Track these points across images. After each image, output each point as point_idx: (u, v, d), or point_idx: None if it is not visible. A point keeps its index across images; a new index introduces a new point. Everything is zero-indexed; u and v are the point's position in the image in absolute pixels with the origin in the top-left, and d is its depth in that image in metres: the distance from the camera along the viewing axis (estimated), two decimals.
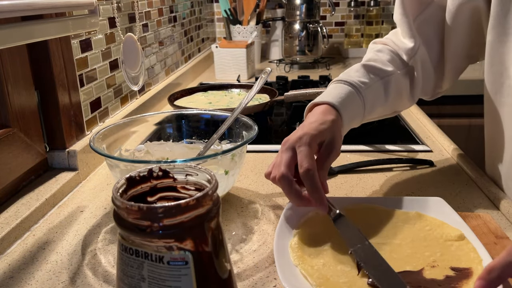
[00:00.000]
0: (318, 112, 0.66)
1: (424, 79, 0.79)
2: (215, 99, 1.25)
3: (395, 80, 0.75)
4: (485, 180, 0.76)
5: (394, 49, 0.79)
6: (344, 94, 0.68)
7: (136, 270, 0.38)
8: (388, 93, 0.74)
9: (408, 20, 0.77)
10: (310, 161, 0.58)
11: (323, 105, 0.67)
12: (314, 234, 0.60)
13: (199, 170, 0.42)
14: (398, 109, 0.81)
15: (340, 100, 0.67)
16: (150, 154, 0.78)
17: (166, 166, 0.43)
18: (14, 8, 0.57)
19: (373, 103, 0.72)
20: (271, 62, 1.98)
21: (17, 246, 0.64)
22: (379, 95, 0.73)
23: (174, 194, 0.44)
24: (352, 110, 0.68)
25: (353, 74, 0.73)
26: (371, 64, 0.75)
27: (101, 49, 0.99)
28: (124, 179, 0.41)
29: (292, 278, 0.51)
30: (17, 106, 0.74)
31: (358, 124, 0.73)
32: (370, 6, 2.10)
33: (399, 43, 0.79)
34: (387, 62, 0.76)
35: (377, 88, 0.73)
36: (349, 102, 0.68)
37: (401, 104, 0.80)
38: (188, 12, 1.72)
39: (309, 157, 0.58)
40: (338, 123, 0.65)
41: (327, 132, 0.62)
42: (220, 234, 0.40)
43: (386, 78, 0.74)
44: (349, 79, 0.71)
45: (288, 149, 0.60)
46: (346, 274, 0.52)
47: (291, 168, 0.59)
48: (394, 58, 0.78)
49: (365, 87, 0.71)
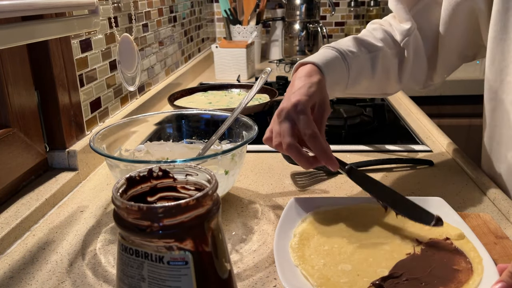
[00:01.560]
0: (303, 74, 0.67)
1: (414, 65, 0.80)
2: (215, 99, 1.25)
3: (383, 56, 0.77)
4: (485, 180, 0.76)
5: (389, 30, 0.81)
6: (330, 57, 0.71)
7: (136, 270, 0.38)
8: (375, 68, 0.76)
9: (403, 6, 0.79)
10: (312, 127, 0.61)
11: (308, 65, 0.69)
12: (314, 235, 0.60)
13: (199, 170, 0.42)
14: (386, 90, 0.83)
15: (325, 62, 0.69)
16: (150, 154, 0.78)
17: (166, 166, 0.43)
18: (15, 8, 0.57)
19: (358, 73, 0.74)
20: (271, 62, 1.98)
21: (17, 246, 0.64)
22: (365, 68, 0.75)
23: (174, 194, 0.44)
24: (335, 74, 0.70)
25: (342, 44, 0.75)
26: (362, 38, 0.78)
27: (101, 49, 0.99)
28: (124, 179, 0.41)
29: (292, 278, 0.51)
30: (17, 106, 0.74)
31: (341, 92, 0.76)
32: (370, 6, 2.10)
33: (395, 25, 0.80)
34: (378, 39, 0.78)
35: (364, 60, 0.75)
36: (333, 66, 0.70)
37: (388, 85, 0.82)
38: (188, 12, 1.72)
39: (309, 124, 0.61)
40: (323, 83, 0.67)
41: (316, 94, 0.64)
42: (220, 234, 0.40)
43: (374, 53, 0.76)
44: (338, 46, 0.74)
45: (286, 118, 0.62)
46: (347, 274, 0.52)
47: (295, 136, 0.62)
48: (386, 37, 0.80)
49: (352, 56, 0.73)
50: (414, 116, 1.18)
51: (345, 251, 0.56)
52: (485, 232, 0.60)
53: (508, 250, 0.56)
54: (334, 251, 0.57)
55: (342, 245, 0.57)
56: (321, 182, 0.81)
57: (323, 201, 0.67)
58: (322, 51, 0.73)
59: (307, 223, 0.63)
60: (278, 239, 0.58)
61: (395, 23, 0.81)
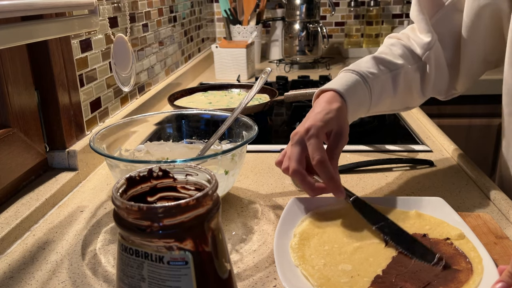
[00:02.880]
0: (324, 100, 0.67)
1: (436, 77, 0.78)
2: (215, 99, 1.25)
3: (404, 74, 0.75)
4: (485, 180, 0.76)
5: (408, 44, 0.79)
6: (351, 82, 0.70)
7: (136, 270, 0.38)
8: (397, 86, 0.75)
9: (425, 17, 0.76)
10: (320, 153, 0.60)
11: (329, 92, 0.68)
12: (314, 235, 0.60)
13: (199, 170, 0.42)
14: (409, 105, 0.82)
15: (346, 88, 0.68)
16: (150, 154, 0.78)
17: (166, 166, 0.43)
18: (14, 8, 0.57)
19: (380, 94, 0.73)
20: (271, 62, 1.98)
21: (17, 246, 0.64)
22: (387, 87, 0.74)
23: (174, 194, 0.44)
24: (357, 98, 0.69)
25: (362, 65, 0.74)
26: (382, 57, 0.76)
27: (101, 49, 0.99)
28: (124, 179, 0.41)
29: (292, 278, 0.51)
30: (17, 106, 0.74)
31: (365, 114, 0.74)
32: (370, 6, 2.10)
33: (415, 38, 0.78)
34: (398, 56, 0.77)
35: (385, 80, 0.73)
36: (355, 90, 0.69)
37: (411, 100, 0.80)
38: (188, 12, 1.72)
39: (319, 149, 0.61)
40: (343, 111, 0.66)
41: (333, 121, 0.64)
42: (220, 234, 0.40)
43: (395, 71, 0.74)
44: (358, 68, 0.72)
45: (297, 142, 0.62)
46: (347, 274, 0.52)
47: (302, 162, 0.62)
48: (406, 52, 0.78)
49: (372, 77, 0.71)
50: (414, 116, 1.18)
51: (345, 251, 0.56)
52: (485, 232, 0.60)
53: (508, 250, 0.56)
54: (335, 251, 0.57)
55: (342, 245, 0.57)
56: None
57: (323, 201, 0.67)
58: (342, 75, 0.72)
59: (307, 223, 0.63)
60: (278, 239, 0.58)
61: (414, 36, 0.78)
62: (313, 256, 0.56)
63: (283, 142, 1.03)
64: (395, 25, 2.17)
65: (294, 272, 0.53)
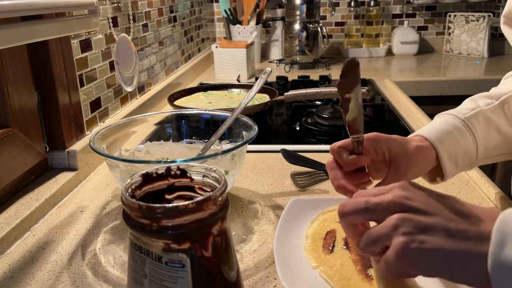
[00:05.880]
0: None
1: None
2: (215, 99, 1.25)
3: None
4: (485, 180, 0.76)
5: None
6: None
7: (140, 266, 0.38)
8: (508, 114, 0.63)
9: None
10: None
11: None
12: (326, 235, 0.60)
13: (214, 171, 0.42)
14: None
15: None
16: (150, 154, 0.78)
17: (185, 165, 0.44)
18: (14, 8, 0.57)
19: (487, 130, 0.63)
20: (271, 62, 1.98)
21: (17, 246, 0.64)
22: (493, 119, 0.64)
23: (192, 194, 0.44)
24: None
25: None
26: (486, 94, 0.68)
27: (101, 49, 0.99)
28: (140, 175, 0.42)
29: (292, 278, 0.51)
30: (17, 106, 0.74)
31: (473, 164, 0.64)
32: (370, 6, 2.10)
33: None
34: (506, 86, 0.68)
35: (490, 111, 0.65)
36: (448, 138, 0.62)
37: None
38: (188, 12, 1.72)
39: None
40: None
41: None
42: (224, 240, 0.40)
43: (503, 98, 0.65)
44: None
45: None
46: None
47: None
48: None
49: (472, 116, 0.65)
50: (414, 116, 1.18)
51: None
52: None
53: None
54: (349, 251, 0.56)
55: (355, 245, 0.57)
56: (321, 182, 0.81)
57: (323, 201, 0.67)
58: None
59: (317, 224, 0.62)
60: (278, 239, 0.58)
61: None
62: (329, 257, 0.55)
63: (283, 142, 1.03)
64: (395, 25, 2.18)
65: (294, 272, 0.53)
